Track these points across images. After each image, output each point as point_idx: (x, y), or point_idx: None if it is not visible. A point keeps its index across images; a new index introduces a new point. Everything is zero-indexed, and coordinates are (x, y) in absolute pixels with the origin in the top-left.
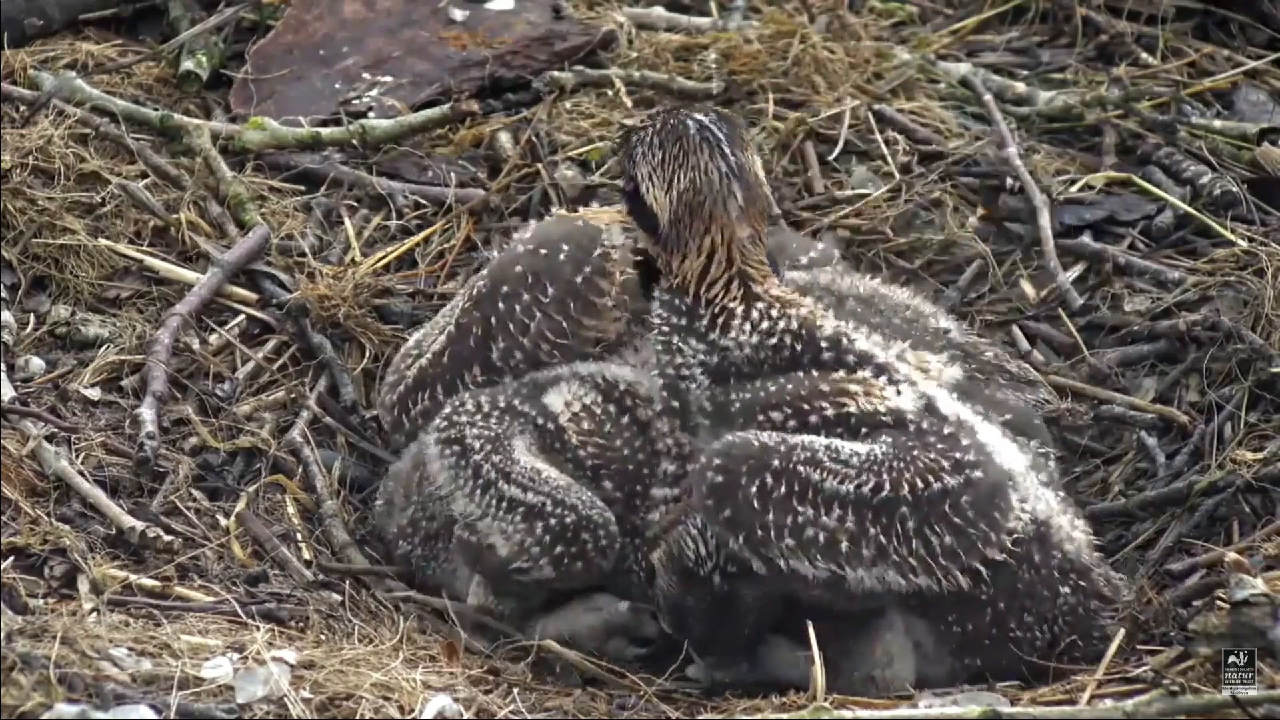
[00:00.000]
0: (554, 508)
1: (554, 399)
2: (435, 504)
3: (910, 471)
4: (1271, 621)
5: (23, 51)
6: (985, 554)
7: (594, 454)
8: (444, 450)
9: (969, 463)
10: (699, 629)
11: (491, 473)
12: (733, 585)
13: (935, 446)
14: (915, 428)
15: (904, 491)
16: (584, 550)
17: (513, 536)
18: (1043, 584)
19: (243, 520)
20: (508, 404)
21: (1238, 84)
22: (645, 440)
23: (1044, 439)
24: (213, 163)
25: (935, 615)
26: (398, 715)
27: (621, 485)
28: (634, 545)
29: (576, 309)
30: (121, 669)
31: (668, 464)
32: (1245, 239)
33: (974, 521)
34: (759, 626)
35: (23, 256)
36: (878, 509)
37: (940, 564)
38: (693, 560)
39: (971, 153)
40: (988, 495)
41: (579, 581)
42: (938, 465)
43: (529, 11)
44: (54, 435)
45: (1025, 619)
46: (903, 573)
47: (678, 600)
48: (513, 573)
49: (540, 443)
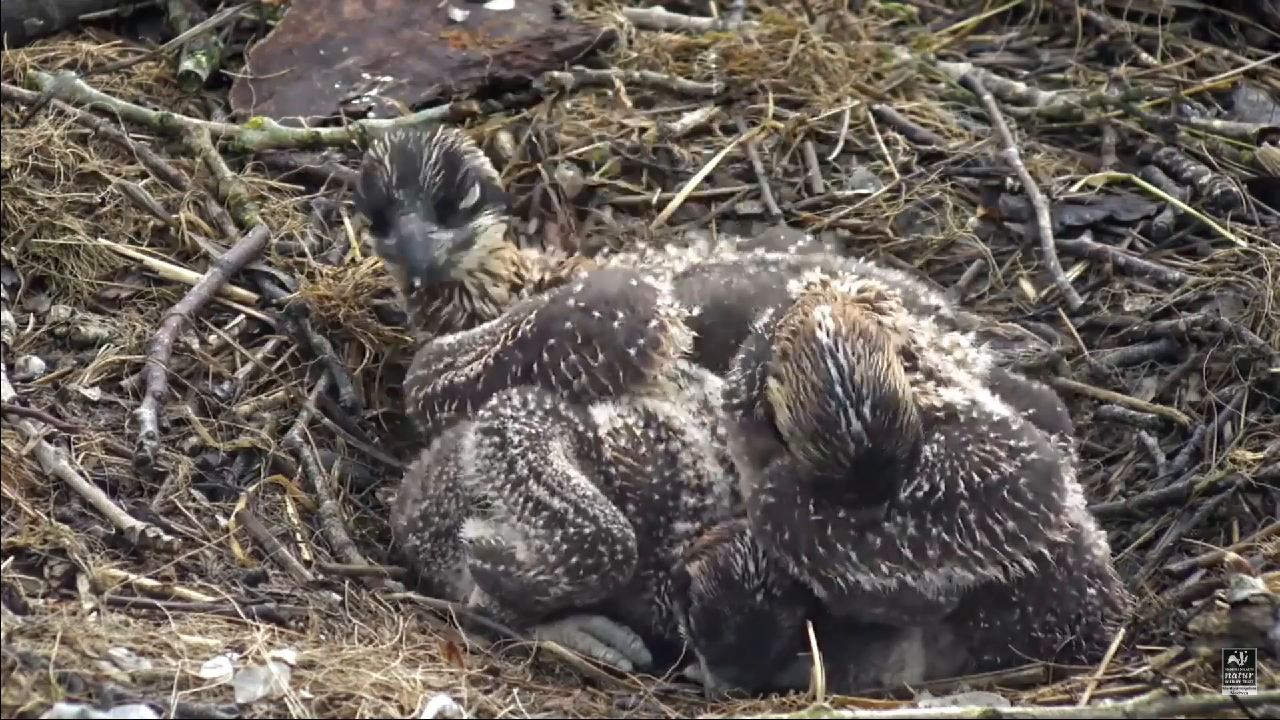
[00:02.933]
0: (575, 516)
1: (599, 412)
2: (449, 501)
3: (965, 467)
4: (1271, 621)
5: (23, 51)
6: (1048, 535)
7: (624, 474)
8: (483, 440)
9: (1024, 448)
10: (731, 638)
11: (525, 470)
12: (773, 607)
13: (989, 436)
14: (966, 418)
15: (960, 489)
16: (600, 563)
17: (534, 542)
18: (1073, 585)
19: (242, 520)
20: (553, 406)
21: (1238, 84)
22: (674, 472)
23: (1065, 428)
24: (213, 163)
25: (964, 613)
26: (398, 715)
27: (644, 511)
28: (656, 577)
29: (626, 378)
30: (121, 669)
31: (688, 497)
32: (1245, 239)
33: (1034, 504)
34: (788, 651)
35: (23, 256)
36: (937, 509)
37: (1006, 551)
38: (740, 575)
39: (971, 153)
40: (1044, 477)
41: (594, 596)
42: (994, 455)
43: (529, 11)
44: (54, 435)
45: (1049, 619)
46: (969, 566)
47: (714, 606)
48: (533, 591)
49: (578, 449)
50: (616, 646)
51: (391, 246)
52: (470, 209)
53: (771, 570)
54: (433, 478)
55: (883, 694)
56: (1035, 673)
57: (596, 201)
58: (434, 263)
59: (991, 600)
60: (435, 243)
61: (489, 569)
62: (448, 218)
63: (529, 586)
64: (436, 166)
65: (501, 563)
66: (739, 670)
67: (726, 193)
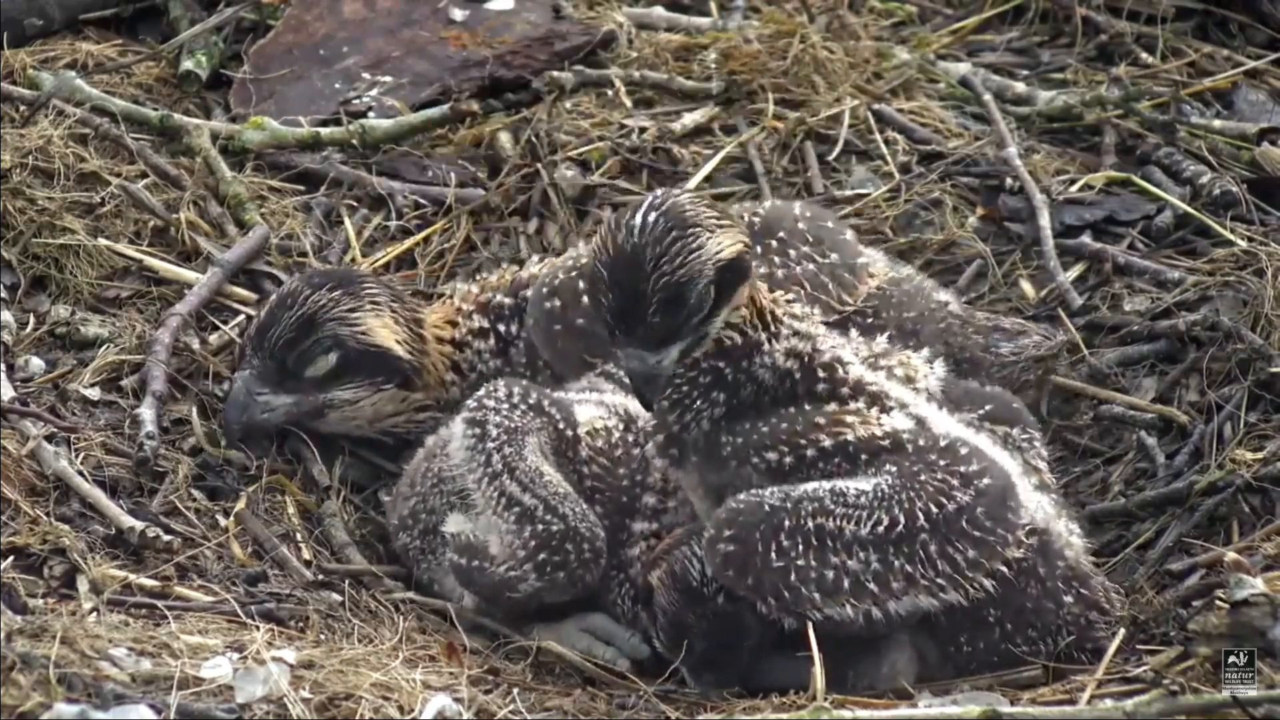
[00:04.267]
0: (545, 513)
1: (582, 411)
2: (435, 497)
3: (922, 498)
4: (1271, 621)
5: (23, 51)
6: (1006, 555)
7: (596, 474)
8: (466, 430)
9: (975, 473)
10: (699, 646)
11: (500, 464)
12: (736, 606)
13: (939, 465)
14: (914, 446)
15: (920, 521)
16: (567, 561)
17: (505, 537)
18: (1047, 596)
19: (242, 520)
20: (536, 401)
21: (1238, 84)
22: (643, 475)
23: (1026, 422)
24: (213, 163)
25: (945, 637)
26: (398, 715)
27: (610, 514)
28: (617, 579)
29: None
30: (121, 669)
31: (649, 497)
32: (1245, 239)
33: (991, 529)
34: (760, 647)
35: (23, 256)
36: (898, 542)
37: (966, 576)
38: (697, 580)
39: (971, 153)
40: (999, 499)
41: (565, 594)
42: (947, 485)
43: (529, 11)
44: (54, 435)
45: (1030, 634)
46: (933, 594)
47: (678, 617)
48: (504, 587)
49: (555, 445)
50: (616, 644)
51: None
52: (319, 379)
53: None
54: (420, 474)
55: (882, 694)
56: (1035, 673)
57: (596, 201)
58: (249, 426)
59: (970, 624)
60: (261, 405)
61: (464, 564)
62: (286, 382)
63: (500, 582)
64: (290, 328)
65: (476, 558)
66: (717, 674)
67: (726, 193)
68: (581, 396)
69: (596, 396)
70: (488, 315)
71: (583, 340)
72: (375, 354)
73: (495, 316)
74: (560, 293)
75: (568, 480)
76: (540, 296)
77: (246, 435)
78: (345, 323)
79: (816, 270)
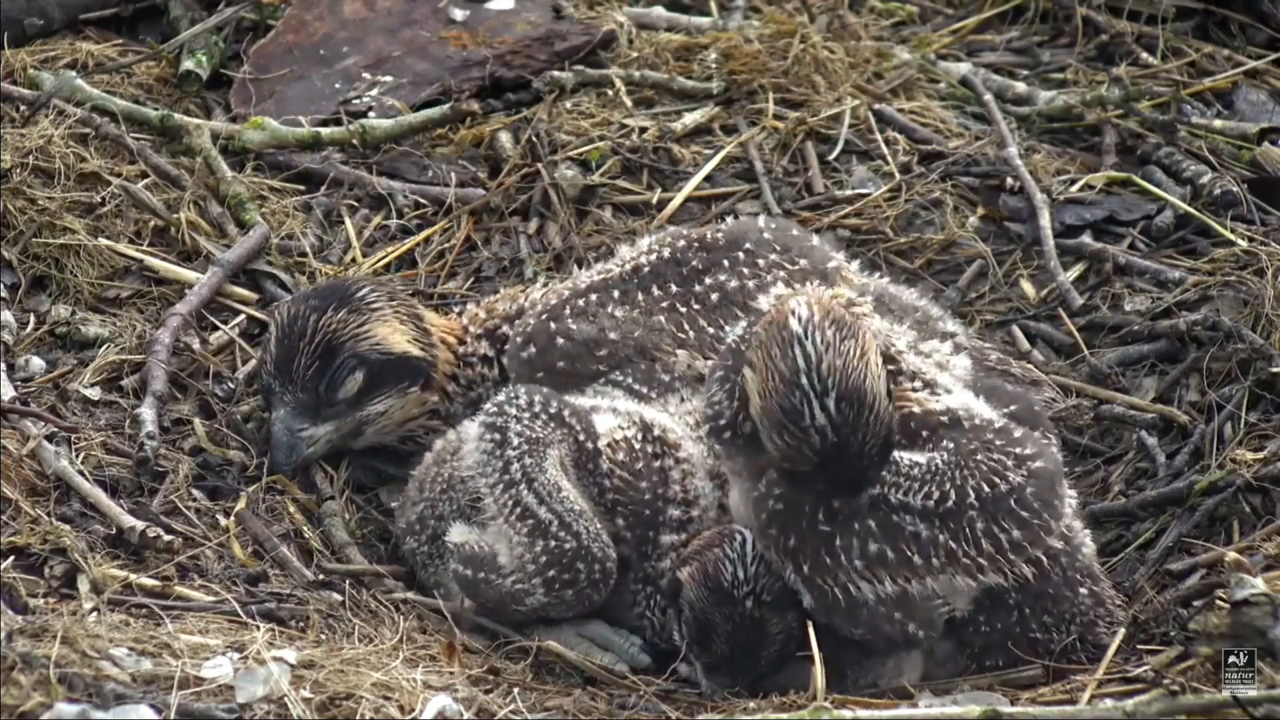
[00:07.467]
0: (559, 529)
1: (602, 421)
2: (443, 503)
3: (976, 476)
4: (1271, 621)
5: (23, 51)
6: (1048, 542)
7: (618, 486)
8: (485, 434)
9: (1029, 455)
10: (723, 646)
11: (519, 473)
12: (763, 613)
13: (995, 444)
14: (970, 425)
15: (970, 498)
16: (576, 579)
17: (515, 548)
18: (1067, 585)
19: (242, 520)
20: (557, 411)
21: (1238, 84)
22: (665, 488)
23: (1046, 428)
24: (213, 162)
25: (962, 620)
26: (398, 715)
27: (634, 526)
28: (645, 591)
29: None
30: (121, 669)
31: (673, 509)
32: (1245, 239)
33: (1039, 512)
34: (779, 660)
35: (23, 256)
36: (945, 517)
37: (1008, 558)
38: (729, 582)
39: (971, 152)
40: (1048, 485)
41: (570, 610)
42: (1001, 465)
43: (529, 11)
44: (54, 435)
45: (1046, 620)
46: (971, 574)
47: (705, 616)
48: (510, 600)
49: (576, 458)
50: (615, 652)
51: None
52: (352, 399)
53: (761, 576)
54: (429, 480)
55: (882, 694)
56: (1035, 673)
57: (596, 201)
58: (301, 463)
59: (990, 604)
60: (306, 440)
61: (469, 575)
62: (323, 410)
63: (507, 594)
64: (313, 357)
65: (482, 569)
66: (730, 677)
67: (726, 192)
68: (596, 403)
69: (609, 403)
70: (494, 344)
71: (569, 380)
72: (395, 361)
73: (499, 349)
74: (535, 339)
75: (589, 493)
76: (516, 348)
77: (295, 472)
78: (360, 339)
79: (789, 277)
